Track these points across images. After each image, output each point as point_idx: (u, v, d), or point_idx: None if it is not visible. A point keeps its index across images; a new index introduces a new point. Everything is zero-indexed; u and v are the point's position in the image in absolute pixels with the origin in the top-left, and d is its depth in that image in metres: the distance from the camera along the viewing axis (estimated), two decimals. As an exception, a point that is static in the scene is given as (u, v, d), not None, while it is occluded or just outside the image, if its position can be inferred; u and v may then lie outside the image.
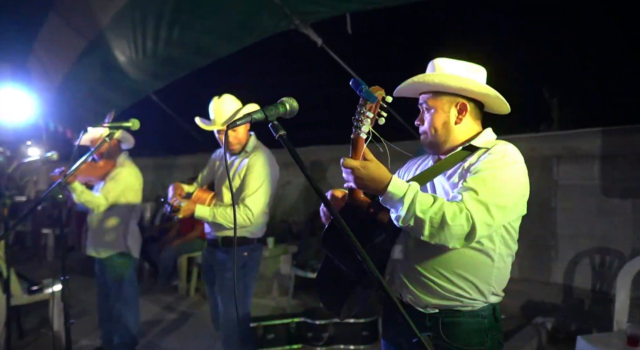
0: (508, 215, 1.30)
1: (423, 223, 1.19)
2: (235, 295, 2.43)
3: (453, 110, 1.43)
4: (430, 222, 1.19)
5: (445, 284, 1.34)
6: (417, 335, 0.87)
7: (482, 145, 1.39)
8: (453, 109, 1.43)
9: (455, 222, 1.18)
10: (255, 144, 2.59)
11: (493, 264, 1.35)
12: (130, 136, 3.12)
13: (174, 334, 3.84)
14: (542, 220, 3.79)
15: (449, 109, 1.43)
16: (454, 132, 1.44)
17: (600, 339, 2.44)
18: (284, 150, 1.10)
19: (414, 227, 1.22)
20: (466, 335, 1.33)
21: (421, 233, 1.22)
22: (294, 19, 4.67)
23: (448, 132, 1.43)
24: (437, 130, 1.43)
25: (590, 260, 3.52)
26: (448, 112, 1.43)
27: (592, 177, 3.50)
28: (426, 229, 1.20)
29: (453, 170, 1.39)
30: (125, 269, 3.13)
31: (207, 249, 2.67)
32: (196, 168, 8.06)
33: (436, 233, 1.20)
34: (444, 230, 1.19)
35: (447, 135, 1.44)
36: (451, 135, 1.44)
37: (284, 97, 1.18)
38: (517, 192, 1.31)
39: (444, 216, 1.18)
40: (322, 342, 3.41)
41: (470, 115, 1.45)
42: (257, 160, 2.44)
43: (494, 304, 1.39)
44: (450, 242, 1.22)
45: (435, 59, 1.47)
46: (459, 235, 1.20)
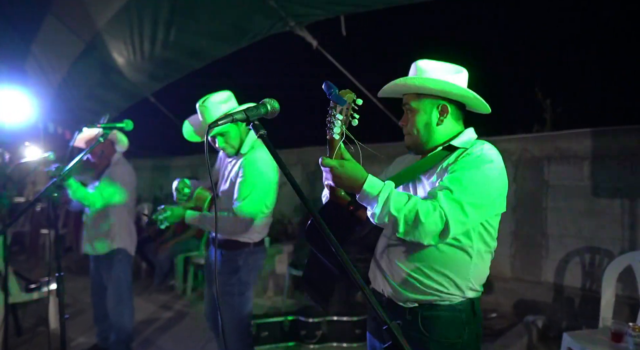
0: (483, 214, 1.34)
1: (397, 221, 1.24)
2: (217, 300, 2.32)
3: (435, 111, 1.48)
4: (405, 219, 1.24)
5: (424, 279, 1.38)
6: (387, 323, 0.91)
7: (461, 145, 1.44)
8: (435, 111, 1.48)
9: (428, 219, 1.22)
10: (253, 144, 2.39)
11: (471, 260, 1.39)
12: (125, 139, 3.16)
13: (169, 333, 3.88)
14: (533, 220, 3.84)
15: (430, 111, 1.47)
16: (435, 133, 1.48)
17: (585, 336, 2.48)
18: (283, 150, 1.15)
19: (388, 224, 1.27)
20: (444, 328, 1.38)
21: (396, 230, 1.26)
22: (289, 21, 4.71)
23: (430, 133, 1.48)
24: (420, 131, 1.48)
25: (580, 260, 3.57)
26: (430, 114, 1.47)
27: (582, 177, 3.55)
28: (401, 226, 1.25)
29: (432, 170, 1.43)
30: (120, 267, 3.17)
31: (209, 248, 2.69)
32: (193, 169, 8.11)
33: (410, 230, 1.25)
34: (417, 227, 1.23)
35: (429, 136, 1.48)
36: (433, 135, 1.48)
37: (265, 99, 1.22)
38: (493, 191, 1.36)
39: (418, 214, 1.23)
40: (315, 340, 3.46)
41: (451, 116, 1.50)
42: (248, 164, 2.29)
43: (472, 298, 1.43)
44: (425, 240, 1.26)
45: (417, 61, 1.52)
46: (432, 232, 1.24)
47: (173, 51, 6.13)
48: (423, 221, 1.22)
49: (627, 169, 3.31)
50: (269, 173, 2.33)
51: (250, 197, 2.23)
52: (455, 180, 1.30)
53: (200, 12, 5.24)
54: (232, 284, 2.34)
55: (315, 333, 3.47)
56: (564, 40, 4.69)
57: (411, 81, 1.45)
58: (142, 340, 3.63)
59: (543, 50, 4.94)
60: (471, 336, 1.40)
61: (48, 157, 2.99)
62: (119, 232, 3.18)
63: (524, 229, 3.89)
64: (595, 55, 4.53)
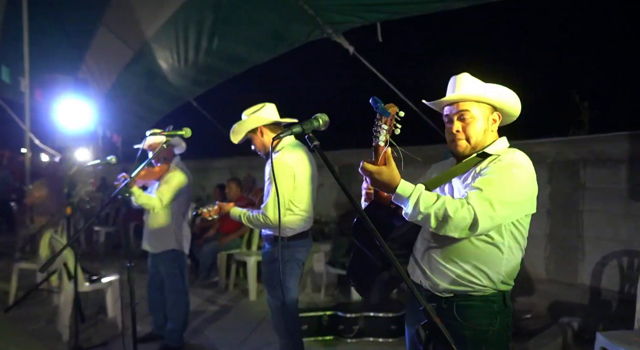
0: (512, 212, 1.48)
1: (429, 217, 1.40)
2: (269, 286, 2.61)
3: (490, 118, 1.63)
4: (435, 215, 1.40)
5: (459, 271, 1.53)
6: (423, 304, 1.07)
7: (494, 153, 1.58)
8: (490, 118, 1.63)
9: (457, 215, 1.38)
10: (284, 145, 2.61)
11: (502, 256, 1.53)
12: (183, 142, 3.44)
13: (215, 324, 4.15)
14: (568, 223, 3.87)
15: (487, 118, 1.62)
16: (486, 139, 1.63)
17: (619, 336, 2.54)
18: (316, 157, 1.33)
19: (422, 221, 1.43)
20: (477, 316, 1.53)
21: (429, 225, 1.43)
22: (325, 29, 4.88)
23: (484, 139, 1.62)
24: (478, 137, 1.61)
25: (617, 262, 3.58)
26: (486, 121, 1.62)
27: (618, 180, 3.56)
28: (432, 222, 1.41)
29: (467, 175, 1.58)
30: (176, 264, 3.45)
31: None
32: (232, 170, 8.43)
33: (441, 225, 1.40)
34: (447, 222, 1.39)
35: (483, 142, 1.62)
36: (483, 141, 1.62)
37: (318, 114, 1.41)
38: (522, 192, 1.49)
39: (447, 210, 1.38)
40: (352, 335, 3.63)
41: (497, 123, 1.65)
42: (275, 165, 2.49)
43: (503, 291, 1.56)
44: (455, 233, 1.42)
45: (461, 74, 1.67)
46: (461, 226, 1.40)
47: (215, 58, 6.43)
48: (452, 216, 1.38)
49: (666, 173, 3.32)
50: (296, 175, 2.54)
51: (271, 194, 2.48)
52: (485, 181, 1.45)
53: (242, 22, 5.50)
54: (272, 275, 2.60)
55: (352, 328, 3.64)
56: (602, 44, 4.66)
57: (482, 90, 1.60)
58: (191, 331, 3.90)
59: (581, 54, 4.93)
60: (502, 325, 1.54)
61: (110, 160, 3.32)
62: (175, 233, 3.44)
63: (559, 231, 3.92)
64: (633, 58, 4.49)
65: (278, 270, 2.54)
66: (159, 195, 3.28)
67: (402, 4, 4.19)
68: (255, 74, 6.63)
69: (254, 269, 4.92)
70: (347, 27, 4.80)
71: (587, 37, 4.91)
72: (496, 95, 1.61)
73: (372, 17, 4.50)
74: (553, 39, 4.99)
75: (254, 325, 4.00)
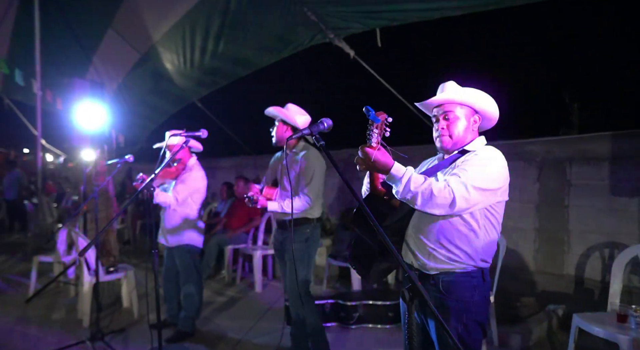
0: (485, 197, 1.73)
1: (416, 195, 1.65)
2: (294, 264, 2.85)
3: (471, 120, 1.89)
4: (422, 194, 1.65)
5: (444, 252, 1.79)
6: (407, 272, 1.32)
7: (472, 149, 1.85)
8: (471, 119, 1.89)
9: (440, 194, 1.64)
10: (304, 145, 3.08)
11: (480, 237, 1.79)
12: (200, 146, 3.70)
13: (224, 313, 4.41)
14: (556, 217, 4.12)
15: (468, 119, 1.88)
16: (466, 137, 1.88)
17: (593, 317, 2.80)
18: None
19: (410, 199, 1.68)
20: (459, 290, 1.78)
21: (415, 203, 1.67)
22: (328, 33, 5.12)
23: (464, 136, 1.88)
24: (460, 134, 1.87)
25: (599, 254, 3.83)
26: (467, 121, 1.88)
27: (602, 177, 3.81)
28: (418, 200, 1.66)
29: (448, 169, 1.84)
30: (189, 257, 3.70)
31: (277, 230, 3.23)
32: (237, 169, 8.70)
33: (425, 203, 1.65)
34: (431, 200, 1.64)
35: (463, 139, 1.88)
36: (464, 138, 1.88)
37: (323, 118, 1.67)
38: (493, 180, 1.74)
39: (432, 190, 1.64)
40: (352, 321, 3.89)
41: (477, 124, 1.91)
42: (307, 158, 2.96)
43: (482, 268, 1.82)
44: (436, 210, 1.67)
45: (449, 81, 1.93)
46: (443, 204, 1.65)
47: (221, 60, 6.66)
48: (436, 195, 1.63)
49: (644, 170, 3.57)
50: (322, 166, 3.02)
51: (312, 182, 2.91)
52: (463, 170, 1.71)
53: (248, 26, 5.73)
54: (302, 250, 2.97)
55: (353, 315, 3.90)
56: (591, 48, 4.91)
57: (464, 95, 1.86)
58: (202, 319, 4.16)
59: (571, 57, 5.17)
60: (481, 297, 1.80)
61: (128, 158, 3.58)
62: (189, 228, 3.68)
63: (547, 225, 4.18)
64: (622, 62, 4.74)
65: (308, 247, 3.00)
66: (175, 194, 3.51)
67: (400, 12, 4.43)
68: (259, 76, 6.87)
69: (260, 262, 5.18)
70: (348, 32, 5.05)
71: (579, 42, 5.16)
72: (477, 99, 1.87)
73: (371, 23, 4.74)
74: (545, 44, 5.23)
75: (261, 314, 4.25)
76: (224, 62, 6.77)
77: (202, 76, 7.45)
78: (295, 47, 5.76)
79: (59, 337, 3.70)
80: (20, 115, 10.05)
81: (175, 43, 6.72)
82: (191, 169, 3.64)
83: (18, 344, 3.61)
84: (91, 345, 3.43)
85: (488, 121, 1.95)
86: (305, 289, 3.00)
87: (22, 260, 6.79)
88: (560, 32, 5.23)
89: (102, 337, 3.54)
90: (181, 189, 3.53)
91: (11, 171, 9.67)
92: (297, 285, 2.91)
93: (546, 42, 5.29)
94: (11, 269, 6.21)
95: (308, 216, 3.00)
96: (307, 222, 3.01)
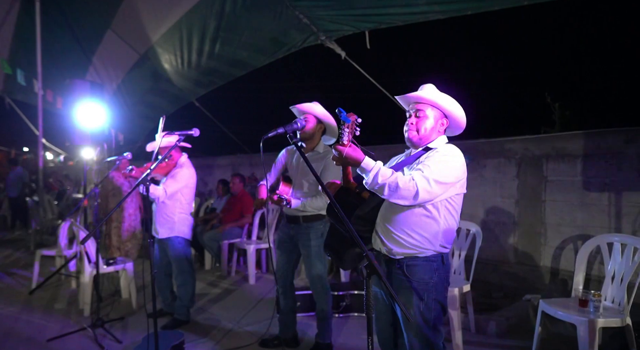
0: (445, 190, 1.94)
1: (384, 186, 1.85)
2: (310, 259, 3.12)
3: (439, 122, 2.11)
4: (388, 186, 1.85)
5: (408, 238, 2.00)
6: (365, 251, 1.53)
7: (434, 147, 2.06)
8: (439, 121, 2.11)
9: (405, 186, 1.84)
10: (325, 146, 3.16)
11: (440, 226, 2.00)
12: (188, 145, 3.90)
13: (218, 304, 4.62)
14: (533, 212, 4.34)
15: (436, 120, 2.10)
16: (432, 135, 2.10)
17: (557, 302, 3.01)
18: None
19: (378, 190, 1.88)
20: (421, 272, 2.00)
21: (382, 193, 1.87)
22: (319, 35, 5.35)
23: (429, 135, 2.09)
24: (426, 131, 2.08)
25: (573, 246, 4.05)
26: (435, 122, 2.10)
27: (575, 173, 4.03)
28: (385, 191, 1.86)
29: (413, 164, 2.05)
30: (180, 248, 3.90)
31: (286, 224, 3.29)
32: (234, 167, 8.91)
33: (392, 193, 1.85)
34: (397, 191, 1.84)
35: (428, 137, 2.09)
36: (429, 136, 2.09)
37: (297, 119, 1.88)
38: (452, 175, 1.95)
39: (397, 183, 1.84)
40: (339, 310, 4.10)
41: (444, 127, 2.13)
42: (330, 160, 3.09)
43: (442, 253, 2.04)
44: (401, 201, 1.87)
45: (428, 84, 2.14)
46: (408, 196, 1.85)
47: (217, 61, 6.87)
48: (401, 187, 1.83)
49: (614, 166, 3.78)
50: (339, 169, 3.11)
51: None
52: (426, 165, 1.92)
53: (243, 29, 5.93)
54: (318, 245, 3.11)
55: (340, 304, 4.12)
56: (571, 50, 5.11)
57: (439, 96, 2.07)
58: (196, 308, 4.37)
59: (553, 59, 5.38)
60: (440, 279, 2.02)
61: (126, 156, 3.79)
62: (179, 221, 3.88)
63: (525, 219, 4.39)
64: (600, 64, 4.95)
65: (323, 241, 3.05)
66: (164, 186, 3.71)
67: (387, 15, 4.64)
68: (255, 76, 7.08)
69: (253, 256, 5.40)
70: (339, 34, 5.26)
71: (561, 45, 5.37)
72: (447, 105, 2.08)
73: (361, 26, 4.96)
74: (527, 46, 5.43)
75: (253, 304, 4.47)
76: (220, 63, 6.96)
77: (200, 76, 7.65)
78: (289, 49, 5.97)
79: (62, 325, 3.92)
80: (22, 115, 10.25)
81: (173, 44, 6.91)
82: (182, 166, 3.84)
83: (23, 331, 3.83)
84: (92, 332, 3.64)
85: (455, 128, 2.18)
86: (324, 281, 3.19)
87: (24, 254, 7.01)
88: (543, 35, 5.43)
89: (103, 324, 3.75)
90: (171, 183, 3.73)
91: (14, 169, 9.88)
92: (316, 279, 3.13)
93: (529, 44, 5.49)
94: (15, 263, 6.43)
95: (322, 213, 3.12)
96: (321, 218, 3.13)
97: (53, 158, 22.95)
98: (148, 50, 7.53)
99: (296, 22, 5.32)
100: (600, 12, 4.84)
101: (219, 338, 3.67)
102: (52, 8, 7.08)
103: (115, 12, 6.98)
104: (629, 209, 3.70)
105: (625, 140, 3.71)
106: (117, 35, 7.60)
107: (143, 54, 7.73)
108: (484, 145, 4.70)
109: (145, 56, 7.75)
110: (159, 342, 2.64)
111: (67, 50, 8.29)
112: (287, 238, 3.28)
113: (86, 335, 3.69)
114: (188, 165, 3.90)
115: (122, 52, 7.91)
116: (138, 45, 7.59)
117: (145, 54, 7.68)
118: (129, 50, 7.83)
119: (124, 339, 3.63)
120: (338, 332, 3.80)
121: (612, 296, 2.98)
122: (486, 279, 4.55)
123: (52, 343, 3.55)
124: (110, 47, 7.93)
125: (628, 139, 3.70)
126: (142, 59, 7.86)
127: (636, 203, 3.65)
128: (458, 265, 3.86)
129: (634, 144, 3.67)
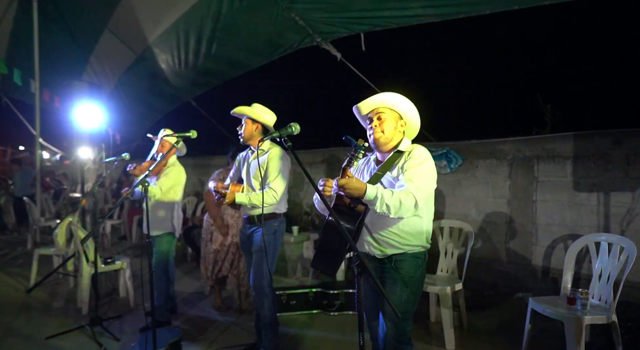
0: (431, 192, 2.11)
1: (389, 208, 1.95)
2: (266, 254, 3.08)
3: (398, 123, 2.23)
4: (393, 206, 1.95)
5: (397, 238, 2.12)
6: (357, 251, 1.60)
7: (405, 150, 2.18)
8: (398, 122, 2.24)
9: (406, 202, 1.96)
10: (270, 143, 3.24)
11: (424, 222, 2.16)
12: (184, 146, 3.96)
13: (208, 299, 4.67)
14: (524, 212, 4.42)
15: (396, 121, 2.23)
16: (395, 136, 2.22)
17: (546, 300, 3.09)
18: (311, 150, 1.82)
19: (385, 211, 1.96)
20: (408, 267, 2.14)
21: (390, 213, 1.96)
22: (315, 37, 5.41)
23: (392, 135, 2.21)
24: (390, 132, 2.20)
25: (563, 245, 4.13)
26: (395, 123, 2.23)
27: (565, 174, 4.11)
28: (392, 211, 1.96)
29: (393, 168, 2.15)
30: (164, 244, 3.92)
31: (243, 226, 3.35)
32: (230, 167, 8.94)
33: (397, 211, 1.96)
34: (401, 208, 1.95)
35: (391, 137, 2.21)
36: (393, 137, 2.21)
37: (292, 122, 1.94)
38: (433, 177, 2.11)
39: (400, 200, 1.95)
40: (334, 308, 4.17)
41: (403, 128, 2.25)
42: (274, 155, 3.13)
43: (426, 249, 2.20)
44: (406, 214, 2.00)
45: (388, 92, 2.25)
46: (410, 208, 1.98)
47: (214, 62, 6.92)
48: (404, 203, 1.95)
49: (602, 167, 3.86)
50: (287, 163, 3.18)
51: (279, 177, 3.07)
52: (413, 174, 2.04)
53: (240, 30, 5.98)
54: (270, 243, 3.12)
55: (334, 303, 4.19)
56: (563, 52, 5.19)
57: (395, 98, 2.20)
58: (194, 307, 4.43)
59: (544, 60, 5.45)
60: (422, 273, 2.20)
61: (125, 157, 3.84)
62: (169, 219, 3.93)
63: (517, 219, 4.47)
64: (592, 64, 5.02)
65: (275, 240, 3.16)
66: (160, 184, 3.77)
67: (381, 18, 4.72)
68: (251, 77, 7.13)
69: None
70: (335, 36, 5.33)
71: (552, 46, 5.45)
72: (402, 107, 2.22)
73: (356, 28, 5.03)
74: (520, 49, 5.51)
75: (250, 303, 4.53)
76: (217, 64, 7.01)
77: (196, 76, 7.69)
78: (285, 50, 6.03)
79: (61, 323, 3.97)
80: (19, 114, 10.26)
81: (170, 45, 6.95)
82: (173, 165, 3.93)
83: (22, 329, 3.88)
84: (90, 330, 3.70)
85: (411, 130, 2.31)
86: (269, 279, 3.14)
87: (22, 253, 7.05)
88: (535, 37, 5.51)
89: (101, 322, 3.80)
90: (164, 181, 3.81)
91: (22, 169, 9.80)
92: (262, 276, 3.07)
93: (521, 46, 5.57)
94: (13, 262, 6.47)
95: (276, 211, 3.16)
96: (275, 217, 3.17)
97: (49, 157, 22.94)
98: (145, 50, 7.55)
99: (292, 24, 5.38)
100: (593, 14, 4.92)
101: (216, 335, 3.73)
102: (49, 7, 7.10)
103: (112, 11, 7.01)
104: (616, 209, 3.78)
105: (613, 142, 3.80)
106: (114, 35, 7.63)
107: (140, 54, 7.76)
108: (477, 146, 4.78)
109: (142, 56, 7.77)
110: (156, 339, 2.70)
111: (64, 50, 8.31)
112: (246, 239, 3.30)
113: (84, 333, 3.74)
114: (178, 164, 4.00)
115: (119, 51, 7.93)
116: (135, 45, 7.62)
117: (143, 54, 7.71)
118: (126, 50, 7.86)
119: (122, 336, 3.69)
120: (333, 331, 3.87)
121: (599, 294, 3.06)
122: (478, 277, 4.63)
123: (51, 341, 3.61)
124: (107, 46, 7.96)
125: (615, 141, 3.78)
126: (139, 59, 7.89)
127: (623, 203, 3.74)
128: (451, 264, 3.94)
129: (621, 146, 3.75)
